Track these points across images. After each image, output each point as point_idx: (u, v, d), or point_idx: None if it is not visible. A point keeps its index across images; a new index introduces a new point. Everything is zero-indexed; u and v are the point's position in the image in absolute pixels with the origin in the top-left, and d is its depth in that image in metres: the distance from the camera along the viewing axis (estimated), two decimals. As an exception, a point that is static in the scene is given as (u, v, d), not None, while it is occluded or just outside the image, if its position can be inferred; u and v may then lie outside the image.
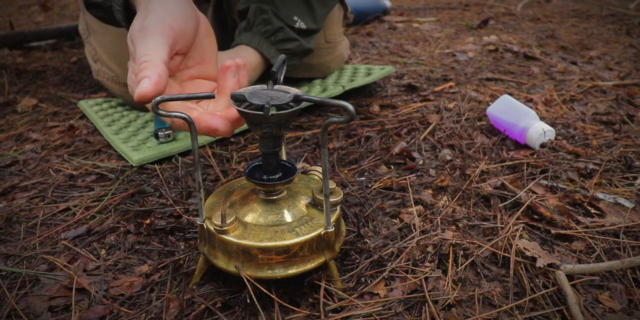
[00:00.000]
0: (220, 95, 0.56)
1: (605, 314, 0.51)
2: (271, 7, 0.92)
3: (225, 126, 0.51)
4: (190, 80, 0.61)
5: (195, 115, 0.51)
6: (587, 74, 1.29)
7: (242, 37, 0.91)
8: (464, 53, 1.53)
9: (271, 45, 0.91)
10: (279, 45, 0.92)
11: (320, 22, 1.00)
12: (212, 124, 0.50)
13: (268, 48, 0.90)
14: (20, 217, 0.71)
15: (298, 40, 0.94)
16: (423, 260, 0.59)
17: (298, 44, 0.94)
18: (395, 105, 1.09)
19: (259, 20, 0.91)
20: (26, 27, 2.11)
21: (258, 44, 0.90)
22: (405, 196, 0.72)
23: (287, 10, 0.93)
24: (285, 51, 0.92)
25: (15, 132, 1.01)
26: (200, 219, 0.53)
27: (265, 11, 0.91)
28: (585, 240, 0.62)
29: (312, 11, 0.97)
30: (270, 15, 0.91)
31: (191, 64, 0.61)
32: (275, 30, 0.91)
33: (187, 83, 0.61)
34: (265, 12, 0.91)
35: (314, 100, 0.47)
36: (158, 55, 0.53)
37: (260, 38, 0.90)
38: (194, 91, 0.58)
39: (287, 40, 0.93)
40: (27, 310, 0.53)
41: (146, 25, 0.54)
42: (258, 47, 0.89)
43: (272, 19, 0.91)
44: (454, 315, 0.51)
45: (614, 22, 1.96)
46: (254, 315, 0.52)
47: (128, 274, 0.59)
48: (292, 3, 0.94)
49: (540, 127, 0.85)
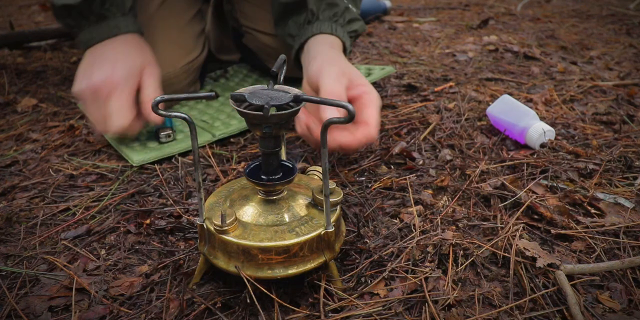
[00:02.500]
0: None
1: (605, 314, 0.51)
2: None
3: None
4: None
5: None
6: (587, 74, 1.29)
7: (312, 28, 0.86)
8: (464, 53, 1.53)
9: (341, 28, 0.88)
10: (347, 27, 0.89)
11: (359, 7, 0.98)
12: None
13: (342, 32, 0.87)
14: (20, 217, 0.71)
15: (360, 20, 0.91)
16: (423, 260, 0.59)
17: (361, 24, 0.92)
18: (395, 105, 1.09)
19: (323, 6, 0.87)
20: (26, 27, 2.11)
21: (332, 29, 0.86)
22: (405, 196, 0.72)
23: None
24: (352, 33, 0.90)
25: (15, 132, 1.01)
26: (200, 219, 0.53)
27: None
28: (585, 240, 0.62)
29: (355, 1, 0.95)
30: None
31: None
32: (342, 11, 0.88)
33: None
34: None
35: (314, 100, 0.47)
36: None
37: (331, 23, 0.87)
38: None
39: (353, 21, 0.90)
40: (27, 310, 0.53)
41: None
42: (334, 32, 0.86)
43: (335, 1, 0.88)
44: (454, 315, 0.51)
45: (614, 22, 1.96)
46: (254, 315, 0.52)
47: (128, 274, 0.59)
48: None
49: (540, 127, 0.85)
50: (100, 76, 0.80)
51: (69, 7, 0.82)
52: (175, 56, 1.04)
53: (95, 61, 0.83)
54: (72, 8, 0.82)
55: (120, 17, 0.86)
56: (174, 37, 1.05)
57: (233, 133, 0.93)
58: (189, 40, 1.09)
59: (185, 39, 1.08)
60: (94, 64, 0.83)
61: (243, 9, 1.16)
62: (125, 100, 0.80)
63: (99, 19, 0.84)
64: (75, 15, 0.83)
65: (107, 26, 0.85)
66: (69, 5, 0.82)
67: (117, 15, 0.85)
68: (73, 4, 0.82)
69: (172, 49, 1.03)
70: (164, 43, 1.01)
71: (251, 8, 1.15)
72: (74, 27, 0.86)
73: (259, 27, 1.15)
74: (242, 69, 1.30)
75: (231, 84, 1.21)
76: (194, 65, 1.08)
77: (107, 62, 0.82)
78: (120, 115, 0.80)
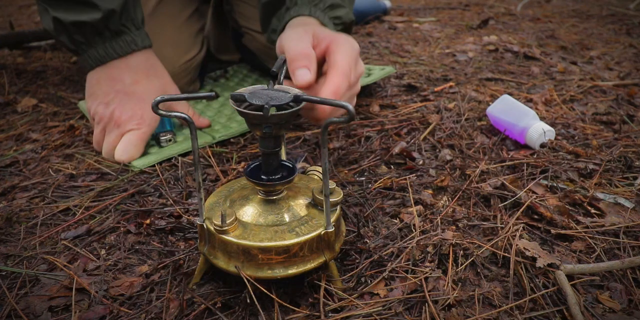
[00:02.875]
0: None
1: (605, 314, 0.51)
2: None
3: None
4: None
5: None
6: (587, 74, 1.29)
7: (290, 12, 0.80)
8: (464, 53, 1.53)
9: (321, 12, 0.80)
10: (329, 13, 0.82)
11: (349, 6, 0.90)
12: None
13: (322, 15, 0.80)
14: (20, 217, 0.71)
15: (345, 8, 0.85)
16: (423, 260, 0.59)
17: (346, 11, 0.85)
18: (395, 105, 1.09)
19: None
20: (26, 27, 2.11)
21: (311, 12, 0.79)
22: (405, 196, 0.72)
23: None
24: (336, 20, 0.83)
25: (15, 132, 1.01)
26: (200, 219, 0.53)
27: None
28: (585, 240, 0.62)
29: None
30: None
31: None
32: None
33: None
34: None
35: (314, 100, 0.47)
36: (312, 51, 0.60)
37: (310, 6, 0.80)
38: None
39: (336, 7, 0.83)
40: (27, 310, 0.53)
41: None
42: (312, 14, 0.79)
43: None
44: (454, 315, 0.51)
45: (614, 22, 1.96)
46: (254, 315, 0.52)
47: (128, 274, 0.59)
48: None
49: (540, 127, 0.85)
50: (122, 109, 0.83)
51: (81, 24, 0.78)
52: (173, 55, 1.04)
53: (115, 86, 0.83)
54: (85, 25, 0.78)
55: (135, 32, 0.84)
56: (171, 36, 1.05)
57: (233, 135, 0.93)
58: (186, 38, 1.09)
59: (183, 37, 1.08)
60: (113, 88, 0.83)
61: (241, 9, 1.17)
62: (142, 139, 0.84)
63: (115, 35, 0.82)
64: (88, 31, 0.79)
65: (123, 42, 0.82)
66: (83, 22, 0.78)
67: (132, 30, 0.83)
68: (88, 21, 0.77)
69: (169, 48, 1.03)
70: (162, 42, 1.01)
71: (249, 9, 1.15)
72: (82, 44, 0.81)
73: (258, 28, 1.15)
74: (242, 69, 1.30)
75: (231, 84, 1.21)
76: (192, 64, 1.08)
77: (130, 95, 0.83)
78: (133, 151, 0.83)
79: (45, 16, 0.79)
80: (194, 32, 1.11)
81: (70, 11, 0.78)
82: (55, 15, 0.77)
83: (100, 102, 0.84)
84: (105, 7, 0.77)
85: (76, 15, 0.77)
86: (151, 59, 0.88)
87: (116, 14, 0.79)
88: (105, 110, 0.83)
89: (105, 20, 0.78)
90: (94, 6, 0.77)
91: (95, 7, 0.77)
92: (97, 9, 0.77)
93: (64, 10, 0.78)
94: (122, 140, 0.83)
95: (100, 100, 0.84)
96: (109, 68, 0.84)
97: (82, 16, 0.77)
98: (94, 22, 0.78)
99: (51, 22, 0.78)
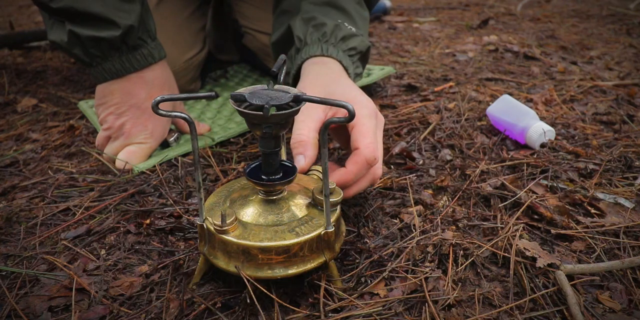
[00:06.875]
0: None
1: (605, 314, 0.51)
2: (315, 14, 0.81)
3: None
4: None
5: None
6: (587, 74, 1.29)
7: (301, 54, 0.77)
8: (464, 53, 1.53)
9: (334, 48, 0.77)
10: (342, 46, 0.78)
11: (359, 21, 0.87)
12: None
13: (335, 52, 0.77)
14: (20, 217, 0.71)
15: (359, 36, 0.82)
16: (423, 260, 0.59)
17: (360, 39, 0.81)
18: (395, 105, 1.09)
19: (310, 30, 0.79)
20: (26, 27, 2.11)
21: (323, 51, 0.76)
22: (405, 196, 0.72)
23: (330, 17, 0.82)
24: (351, 51, 0.80)
25: (15, 132, 1.01)
26: (200, 219, 0.53)
27: (312, 19, 0.80)
28: (585, 240, 0.62)
29: (352, 20, 0.85)
30: (318, 20, 0.80)
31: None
32: (331, 30, 0.78)
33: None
34: (313, 19, 0.80)
35: (314, 100, 0.47)
36: (312, 135, 0.61)
37: (321, 44, 0.77)
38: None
39: (348, 38, 0.79)
40: (27, 310, 0.53)
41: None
42: (325, 53, 0.76)
43: (323, 21, 0.79)
44: (454, 315, 0.51)
45: (614, 22, 1.96)
46: (254, 315, 0.52)
47: (128, 274, 0.59)
48: (330, 12, 0.84)
49: (540, 127, 0.85)
50: (133, 123, 0.83)
51: (99, 39, 0.76)
52: (175, 53, 1.03)
53: (129, 100, 0.83)
54: (103, 40, 0.76)
55: (152, 44, 0.82)
56: (172, 34, 1.05)
57: (232, 136, 0.93)
58: (188, 37, 1.09)
59: (184, 36, 1.08)
60: (127, 102, 0.83)
61: (241, 9, 1.17)
62: (146, 153, 0.85)
63: (132, 49, 0.80)
64: (105, 46, 0.77)
65: (140, 55, 0.81)
66: (101, 38, 0.76)
67: (148, 42, 0.82)
68: (107, 37, 0.76)
69: (171, 46, 1.03)
70: (162, 40, 1.01)
71: (249, 8, 1.15)
72: (98, 57, 0.78)
73: (258, 28, 1.15)
74: (242, 69, 1.30)
75: (231, 84, 1.21)
76: (194, 62, 1.08)
77: (143, 109, 0.83)
78: (134, 162, 0.83)
79: (59, 29, 0.77)
80: (195, 30, 1.11)
81: (88, 27, 0.75)
82: (72, 29, 0.75)
83: (111, 112, 0.83)
84: (124, 23, 0.76)
85: (94, 31, 0.75)
86: (165, 72, 0.87)
87: (134, 29, 0.77)
88: (116, 121, 0.83)
89: (123, 36, 0.77)
90: (113, 23, 0.75)
91: (114, 24, 0.75)
92: (117, 26, 0.75)
93: (80, 26, 0.75)
94: (126, 149, 0.83)
95: (111, 111, 0.83)
96: (124, 81, 0.82)
97: (101, 33, 0.75)
98: (112, 39, 0.76)
99: (66, 35, 0.76)
